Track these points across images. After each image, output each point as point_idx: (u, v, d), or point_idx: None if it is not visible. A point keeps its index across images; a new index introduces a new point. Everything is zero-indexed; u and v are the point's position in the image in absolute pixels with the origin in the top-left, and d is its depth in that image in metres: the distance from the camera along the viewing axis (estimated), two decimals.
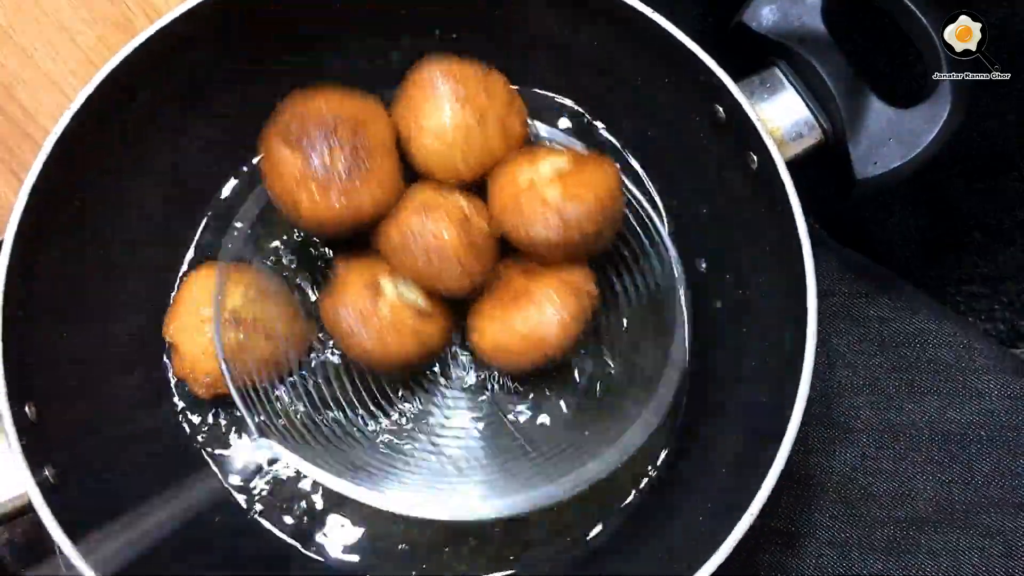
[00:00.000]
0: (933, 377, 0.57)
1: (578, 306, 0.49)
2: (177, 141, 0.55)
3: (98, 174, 0.51)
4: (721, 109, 0.50)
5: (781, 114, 0.50)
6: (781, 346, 0.48)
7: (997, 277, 0.67)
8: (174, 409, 0.55)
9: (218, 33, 0.52)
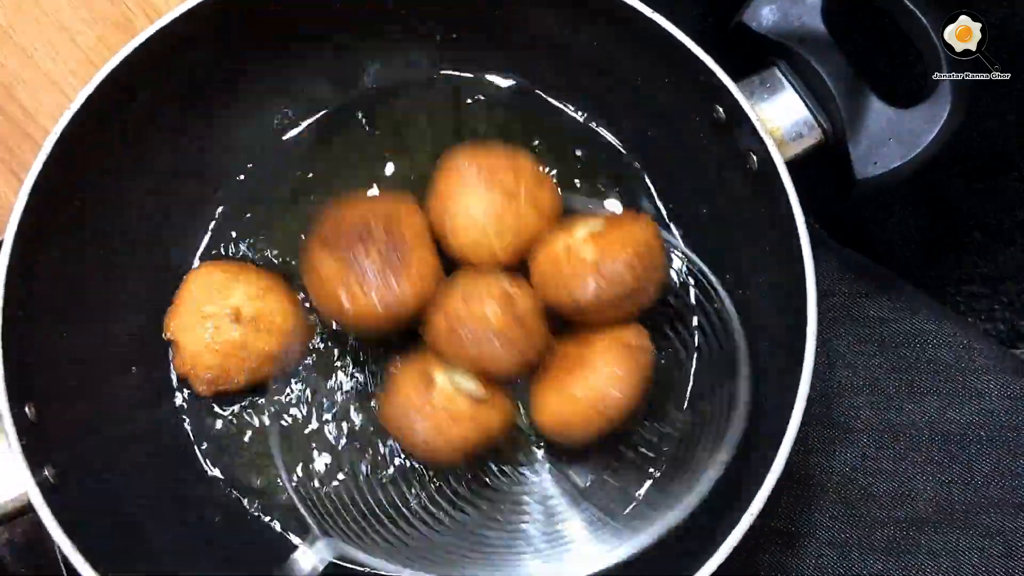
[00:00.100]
0: (933, 377, 0.57)
1: (633, 362, 0.48)
2: (177, 141, 0.55)
3: (98, 174, 0.51)
4: (721, 109, 0.50)
5: (781, 114, 0.50)
6: (781, 346, 0.48)
7: (997, 277, 0.67)
8: (174, 409, 0.55)
9: (218, 33, 0.52)
